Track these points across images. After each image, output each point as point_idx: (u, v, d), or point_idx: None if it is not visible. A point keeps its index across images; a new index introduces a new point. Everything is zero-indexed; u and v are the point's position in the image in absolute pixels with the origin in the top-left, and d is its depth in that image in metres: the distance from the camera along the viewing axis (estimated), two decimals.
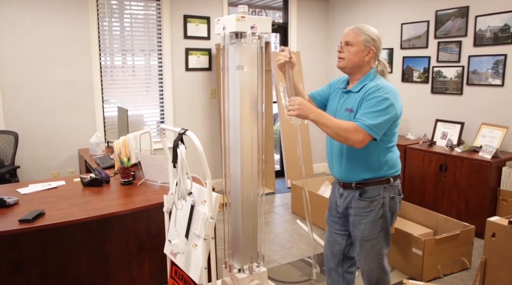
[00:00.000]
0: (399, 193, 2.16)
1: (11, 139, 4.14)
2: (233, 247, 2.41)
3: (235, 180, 2.31)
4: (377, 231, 2.11)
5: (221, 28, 2.18)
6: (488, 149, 3.86)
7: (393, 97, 1.96)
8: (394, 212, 2.16)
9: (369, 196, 2.09)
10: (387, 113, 1.94)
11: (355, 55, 2.05)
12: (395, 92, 2.00)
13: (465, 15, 4.31)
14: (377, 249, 2.14)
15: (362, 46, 2.04)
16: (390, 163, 2.09)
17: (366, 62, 2.07)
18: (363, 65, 2.08)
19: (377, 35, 2.08)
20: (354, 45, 2.05)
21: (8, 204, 2.47)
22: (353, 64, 2.07)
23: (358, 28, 2.06)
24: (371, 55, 2.06)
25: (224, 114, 2.31)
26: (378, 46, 2.09)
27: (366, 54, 2.06)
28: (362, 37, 2.04)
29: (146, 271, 3.00)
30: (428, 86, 4.78)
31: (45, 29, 4.31)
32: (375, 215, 2.09)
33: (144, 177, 3.06)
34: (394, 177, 2.11)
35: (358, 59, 2.06)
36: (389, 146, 2.08)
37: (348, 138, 1.94)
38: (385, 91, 1.96)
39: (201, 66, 5.24)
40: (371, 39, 2.05)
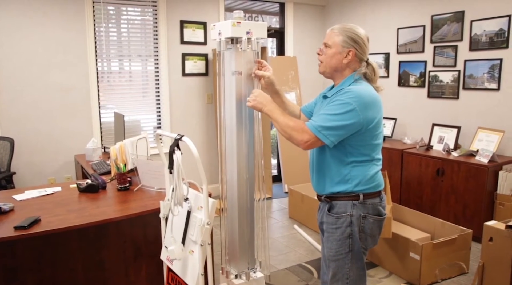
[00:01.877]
0: (375, 212, 1.91)
1: (7, 145, 4.12)
2: (230, 252, 2.40)
3: (231, 185, 2.31)
4: (344, 252, 1.91)
5: (217, 33, 2.18)
6: (484, 153, 3.87)
7: (358, 103, 1.76)
8: (369, 234, 1.91)
9: (336, 211, 1.92)
10: (344, 119, 1.76)
11: (332, 58, 1.90)
12: (366, 98, 1.79)
13: (460, 19, 4.33)
14: (344, 272, 1.93)
15: (340, 47, 1.88)
16: (361, 178, 1.87)
17: (346, 65, 1.90)
18: (343, 68, 1.91)
19: (360, 35, 1.88)
20: (332, 46, 1.90)
21: (3, 211, 2.45)
22: (330, 67, 1.93)
23: (338, 28, 1.90)
24: (350, 58, 1.88)
25: (221, 120, 2.31)
26: (361, 47, 1.88)
27: (344, 56, 1.88)
28: (340, 37, 1.88)
29: (143, 277, 2.98)
30: (425, 90, 4.80)
31: (41, 34, 4.31)
32: (341, 234, 1.90)
33: (140, 183, 3.05)
34: (366, 194, 1.88)
35: (335, 61, 1.90)
36: (361, 159, 1.87)
37: (293, 137, 1.83)
38: (351, 96, 1.78)
39: (197, 72, 5.24)
40: (351, 39, 1.87)
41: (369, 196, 1.90)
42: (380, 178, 1.95)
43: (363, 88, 1.85)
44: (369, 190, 1.90)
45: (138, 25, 4.90)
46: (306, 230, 4.27)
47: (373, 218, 1.91)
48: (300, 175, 5.55)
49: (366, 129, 1.82)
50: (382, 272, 3.35)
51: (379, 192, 1.95)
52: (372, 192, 1.91)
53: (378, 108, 1.85)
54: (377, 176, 1.93)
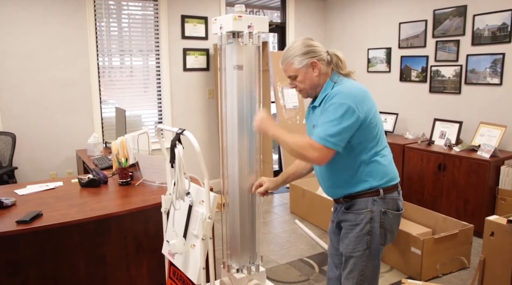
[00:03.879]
0: (395, 208, 1.91)
1: (8, 141, 4.13)
2: (231, 247, 2.41)
3: (233, 180, 2.30)
4: (361, 249, 1.89)
5: (218, 27, 2.17)
6: (486, 148, 3.86)
7: (352, 100, 1.76)
8: (388, 230, 1.91)
9: (356, 208, 1.89)
10: (345, 120, 1.74)
11: (305, 81, 1.90)
12: (357, 94, 1.79)
13: (463, 14, 4.31)
14: (360, 269, 1.91)
15: (303, 69, 1.88)
16: (375, 174, 1.86)
17: (319, 76, 1.89)
18: (319, 80, 1.90)
19: (305, 44, 1.88)
20: (297, 74, 1.90)
21: (5, 205, 2.46)
22: (311, 88, 1.92)
23: (285, 59, 1.92)
24: (318, 67, 1.87)
25: (222, 114, 2.30)
26: (313, 51, 1.88)
27: (312, 72, 1.88)
28: (295, 62, 1.88)
29: (145, 271, 2.99)
30: (426, 85, 4.78)
31: (42, 30, 4.30)
32: (361, 230, 1.88)
33: (142, 178, 3.05)
34: (385, 188, 1.88)
35: (310, 82, 1.90)
36: (368, 155, 1.85)
37: (305, 156, 1.80)
38: (342, 96, 1.77)
39: (199, 67, 5.23)
40: (303, 54, 1.87)
41: (388, 190, 1.89)
42: (393, 169, 1.94)
43: (348, 85, 1.84)
44: (387, 184, 1.89)
45: (139, 20, 4.89)
46: (307, 224, 4.27)
47: (393, 214, 1.91)
48: None
49: (366, 124, 1.81)
50: (383, 267, 3.35)
51: (396, 185, 1.94)
52: (390, 186, 1.90)
53: (370, 99, 1.84)
54: (391, 168, 1.92)
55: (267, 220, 4.48)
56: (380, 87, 5.35)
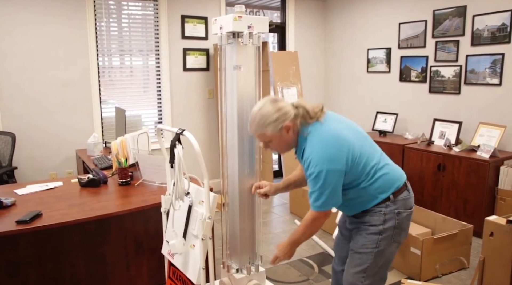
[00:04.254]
0: (407, 206, 1.95)
1: (8, 140, 4.13)
2: (231, 247, 2.41)
3: (232, 180, 2.31)
4: (371, 247, 1.92)
5: (218, 28, 2.18)
6: (486, 148, 3.87)
7: (327, 163, 1.78)
8: (403, 228, 1.95)
9: (375, 209, 1.93)
10: (328, 184, 1.80)
11: (280, 144, 1.94)
12: (328, 152, 1.80)
13: (462, 14, 4.32)
14: (364, 267, 1.94)
15: (277, 134, 1.89)
16: (383, 187, 1.90)
17: (293, 135, 1.91)
18: (294, 139, 1.93)
19: (274, 109, 1.87)
20: (271, 139, 1.92)
21: (5, 205, 2.46)
22: (287, 148, 1.97)
23: (256, 128, 1.91)
24: (289, 128, 1.88)
25: (222, 115, 2.31)
26: (284, 113, 1.87)
27: (286, 134, 1.89)
28: (268, 130, 1.88)
29: (144, 271, 2.99)
30: (426, 85, 4.78)
31: (42, 30, 4.30)
32: (373, 230, 1.92)
33: (141, 178, 3.05)
34: (394, 193, 1.91)
35: (286, 143, 1.94)
36: (369, 178, 1.89)
37: (316, 227, 1.93)
38: (315, 164, 1.80)
39: (198, 67, 5.23)
40: (274, 121, 1.86)
41: (398, 192, 1.93)
42: (396, 173, 1.96)
43: (318, 142, 1.84)
44: (394, 189, 1.92)
45: (139, 20, 4.89)
46: None
47: (406, 212, 1.94)
48: None
49: (352, 165, 1.85)
50: None
51: (405, 185, 1.96)
52: (396, 190, 1.93)
53: (341, 145, 1.83)
54: (393, 174, 1.94)
55: (267, 220, 4.49)
56: (380, 88, 5.36)
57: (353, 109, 5.77)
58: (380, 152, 1.99)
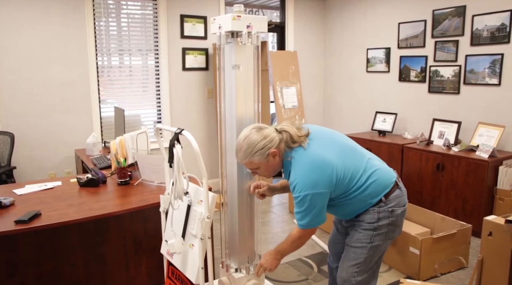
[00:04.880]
0: (401, 204, 1.99)
1: (7, 140, 4.13)
2: (230, 246, 2.41)
3: (231, 180, 2.31)
4: (365, 241, 1.97)
5: (217, 27, 2.17)
6: (485, 148, 3.87)
7: (310, 188, 1.84)
8: (397, 225, 2.00)
9: (372, 208, 1.98)
10: (313, 207, 1.86)
11: (267, 170, 1.99)
12: (311, 178, 1.85)
13: (462, 14, 4.32)
14: (358, 261, 1.99)
15: (264, 161, 1.93)
16: (375, 192, 1.94)
17: (279, 159, 1.96)
18: (279, 163, 1.98)
19: (260, 137, 1.91)
20: (259, 166, 1.96)
21: (4, 205, 2.46)
22: (274, 172, 2.02)
23: (244, 157, 1.94)
24: (276, 154, 1.93)
25: (221, 114, 2.31)
26: (270, 140, 1.91)
27: (272, 159, 1.94)
28: (255, 159, 1.92)
29: (143, 271, 2.99)
30: (425, 85, 4.79)
31: (41, 29, 4.30)
32: (367, 226, 1.97)
33: (140, 177, 3.05)
34: (385, 194, 1.96)
35: (272, 169, 1.99)
36: (358, 186, 1.93)
37: (302, 243, 2.02)
38: (299, 189, 1.86)
39: (198, 66, 5.23)
40: (261, 149, 1.90)
41: (390, 193, 1.97)
42: (385, 176, 1.98)
43: (301, 168, 1.88)
44: (387, 190, 1.97)
45: (138, 20, 4.88)
46: None
47: (400, 209, 1.99)
48: None
49: (337, 185, 1.90)
50: (381, 266, 3.36)
51: (395, 184, 1.99)
52: (390, 189, 1.98)
53: (324, 169, 1.86)
54: (382, 178, 1.97)
55: (265, 219, 4.49)
56: (379, 87, 5.36)
57: (352, 109, 5.77)
58: (367, 158, 2.01)
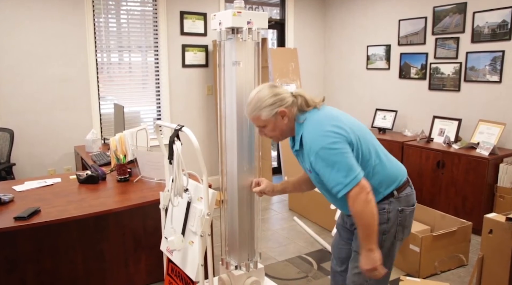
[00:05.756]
0: (410, 203, 1.90)
1: (6, 137, 4.12)
2: (230, 244, 2.40)
3: (231, 177, 2.30)
4: None
5: (217, 23, 2.16)
6: (485, 145, 3.86)
7: (326, 137, 1.72)
8: (406, 226, 1.91)
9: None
10: (343, 155, 1.71)
11: (275, 130, 1.89)
12: (327, 128, 1.75)
13: (462, 11, 4.30)
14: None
15: (271, 119, 1.85)
16: (385, 181, 1.85)
17: (289, 122, 1.87)
18: (290, 126, 1.88)
19: (271, 93, 1.85)
20: (266, 124, 1.88)
21: (3, 202, 2.45)
22: (282, 135, 1.92)
23: (252, 110, 1.87)
24: (286, 114, 1.84)
25: (221, 111, 2.30)
26: (279, 99, 1.85)
27: (281, 120, 1.85)
28: (263, 114, 1.85)
29: (143, 268, 2.98)
30: (426, 82, 4.78)
31: (40, 26, 4.28)
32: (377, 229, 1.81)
33: (140, 174, 3.04)
34: (398, 188, 1.87)
35: (280, 130, 1.89)
36: (371, 167, 1.82)
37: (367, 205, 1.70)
38: (316, 145, 1.73)
39: (197, 63, 5.22)
40: (269, 105, 1.83)
41: (401, 188, 1.88)
42: (398, 168, 1.91)
43: (315, 122, 1.80)
44: (398, 185, 1.87)
45: (138, 16, 4.87)
46: (306, 221, 4.27)
47: (409, 210, 1.90)
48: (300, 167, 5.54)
49: (358, 139, 1.79)
50: None
51: (407, 181, 1.92)
52: (400, 185, 1.88)
53: (341, 124, 1.78)
54: (396, 168, 1.89)
55: (265, 217, 4.48)
56: (379, 85, 5.35)
57: (352, 106, 5.76)
58: (382, 147, 1.94)
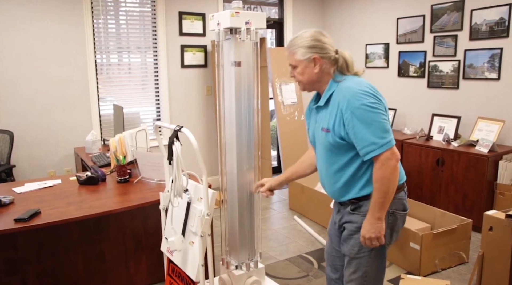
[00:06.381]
0: (401, 208, 1.86)
1: (6, 139, 4.12)
2: (230, 244, 2.41)
3: (231, 177, 2.30)
4: (367, 250, 1.83)
5: (216, 24, 2.17)
6: (484, 142, 3.87)
7: (368, 96, 1.70)
8: (395, 230, 1.87)
9: (363, 210, 1.82)
10: (380, 114, 1.69)
11: (304, 75, 1.83)
12: (368, 89, 1.72)
13: (460, 9, 4.30)
14: (364, 270, 1.86)
15: (304, 62, 1.80)
16: None
17: (320, 72, 1.81)
18: (319, 77, 1.83)
19: (313, 37, 1.80)
20: (297, 65, 1.83)
21: (3, 203, 2.46)
22: (308, 82, 1.85)
23: (290, 46, 1.84)
24: (320, 63, 1.79)
25: (220, 111, 2.30)
26: (321, 48, 1.79)
27: (313, 67, 1.80)
28: (298, 53, 1.81)
29: (143, 269, 2.99)
30: (425, 80, 4.78)
31: (39, 27, 4.28)
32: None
33: (140, 175, 3.05)
34: None
35: (308, 76, 1.83)
36: None
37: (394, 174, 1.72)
38: (357, 99, 1.68)
39: (196, 63, 5.22)
40: (307, 47, 1.79)
41: (397, 191, 1.81)
42: (401, 170, 1.87)
43: (356, 82, 1.76)
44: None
45: (137, 17, 4.87)
46: (306, 221, 4.28)
47: (400, 214, 1.86)
48: None
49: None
50: None
51: (403, 185, 1.89)
52: (398, 186, 1.83)
53: (380, 95, 1.77)
54: (399, 169, 1.83)
55: (266, 216, 4.49)
56: (378, 83, 5.35)
57: None
58: None
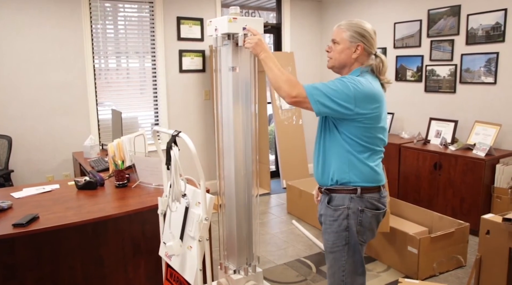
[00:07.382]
0: (373, 207, 1.91)
1: (4, 143, 4.12)
2: (228, 248, 2.41)
3: (229, 181, 2.31)
4: (340, 244, 1.92)
5: (213, 29, 2.18)
6: (481, 146, 3.88)
7: (356, 92, 1.79)
8: (367, 227, 1.93)
9: (335, 204, 1.92)
10: (339, 97, 1.78)
11: (341, 53, 1.92)
12: (365, 91, 1.81)
13: (457, 13, 4.33)
14: (340, 264, 1.95)
15: (348, 43, 1.90)
16: (358, 171, 1.88)
17: (354, 59, 1.92)
18: (351, 63, 1.93)
19: (368, 29, 1.90)
20: (340, 43, 1.91)
21: (1, 208, 2.45)
22: (339, 62, 1.94)
23: (344, 25, 1.92)
24: (359, 52, 1.89)
25: (218, 116, 2.31)
26: (369, 41, 1.90)
27: (353, 51, 1.90)
28: (348, 33, 1.89)
29: (142, 273, 2.99)
30: (422, 85, 4.80)
31: (38, 32, 4.29)
32: (338, 226, 1.91)
33: (138, 179, 3.05)
34: (364, 188, 1.89)
35: (344, 57, 1.92)
36: (359, 150, 1.87)
37: (282, 89, 1.86)
38: (353, 84, 1.80)
39: (195, 68, 5.23)
40: (359, 34, 1.89)
41: (367, 190, 1.90)
42: (378, 173, 1.93)
43: (365, 80, 1.85)
44: (367, 185, 1.89)
45: (135, 22, 4.89)
46: (304, 225, 4.28)
47: (371, 212, 1.91)
48: (298, 170, 5.56)
49: (364, 120, 1.82)
50: (380, 266, 3.37)
51: (378, 188, 1.93)
52: (370, 186, 1.90)
53: (377, 101, 1.84)
54: (376, 171, 1.91)
55: (264, 220, 4.49)
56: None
57: None
58: (381, 155, 1.98)
